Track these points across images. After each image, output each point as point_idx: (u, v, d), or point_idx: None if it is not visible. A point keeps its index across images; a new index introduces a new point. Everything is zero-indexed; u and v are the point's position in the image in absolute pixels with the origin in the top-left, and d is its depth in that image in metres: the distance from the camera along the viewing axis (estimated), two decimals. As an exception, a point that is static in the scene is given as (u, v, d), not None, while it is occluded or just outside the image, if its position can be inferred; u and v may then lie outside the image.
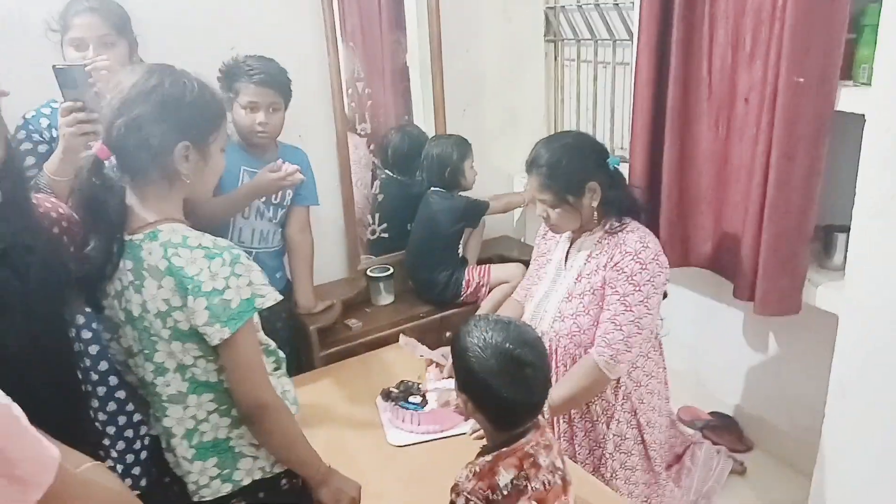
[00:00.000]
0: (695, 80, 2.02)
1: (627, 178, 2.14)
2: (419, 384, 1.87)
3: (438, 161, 2.48)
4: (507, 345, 1.12)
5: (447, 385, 1.73)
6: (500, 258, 2.77)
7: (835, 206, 1.83)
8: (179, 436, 1.20)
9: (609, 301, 1.65)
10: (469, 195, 2.52)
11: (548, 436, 1.18)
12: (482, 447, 1.20)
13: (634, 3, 2.16)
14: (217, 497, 1.24)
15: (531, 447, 1.14)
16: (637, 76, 2.13)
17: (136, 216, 1.16)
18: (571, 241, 1.80)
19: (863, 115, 1.56)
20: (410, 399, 1.81)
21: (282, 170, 1.88)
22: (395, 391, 1.85)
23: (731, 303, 2.18)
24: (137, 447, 1.87)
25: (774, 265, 1.86)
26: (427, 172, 2.53)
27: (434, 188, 2.50)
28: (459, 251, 2.57)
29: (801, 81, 1.68)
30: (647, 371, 1.78)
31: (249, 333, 1.16)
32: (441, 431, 1.73)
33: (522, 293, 1.99)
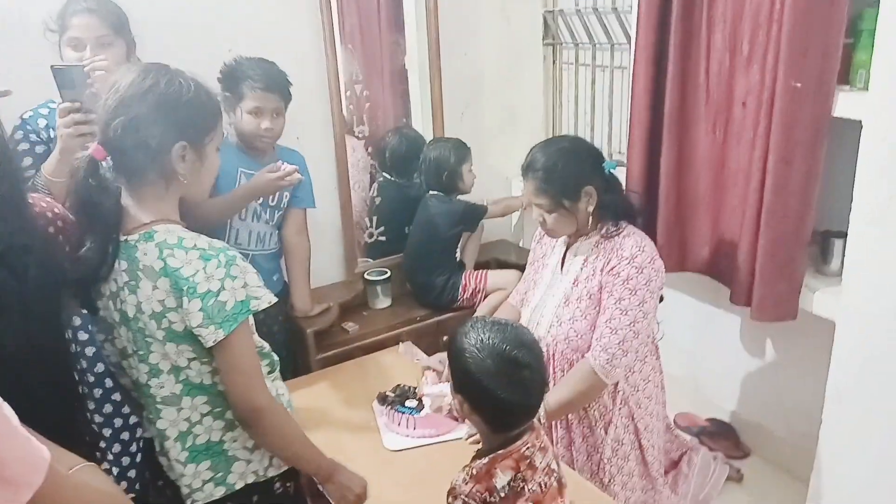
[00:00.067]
0: (692, 85, 2.02)
1: (625, 183, 2.13)
2: (415, 388, 1.86)
3: (436, 164, 2.47)
4: (504, 346, 1.12)
5: (441, 390, 1.72)
6: (498, 262, 2.77)
7: (832, 212, 1.83)
8: (173, 438, 1.20)
9: (605, 305, 1.65)
10: (467, 199, 2.51)
11: (543, 438, 1.18)
12: (478, 450, 1.19)
13: (632, 8, 2.17)
14: (210, 501, 1.23)
15: (527, 449, 1.13)
16: (635, 80, 2.13)
17: (132, 217, 1.16)
18: (568, 246, 1.80)
19: (860, 121, 1.56)
20: (407, 403, 1.80)
21: (280, 170, 1.87)
22: (392, 395, 1.84)
23: (729, 308, 2.18)
24: (133, 450, 1.86)
25: (771, 270, 1.86)
26: (425, 176, 2.52)
27: (432, 191, 2.50)
28: (457, 255, 2.56)
29: (799, 86, 1.68)
30: (645, 375, 1.77)
31: (245, 335, 1.15)
32: (437, 436, 1.72)
33: (518, 297, 1.98)
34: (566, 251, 1.80)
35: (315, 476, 1.28)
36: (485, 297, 2.48)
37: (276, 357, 1.31)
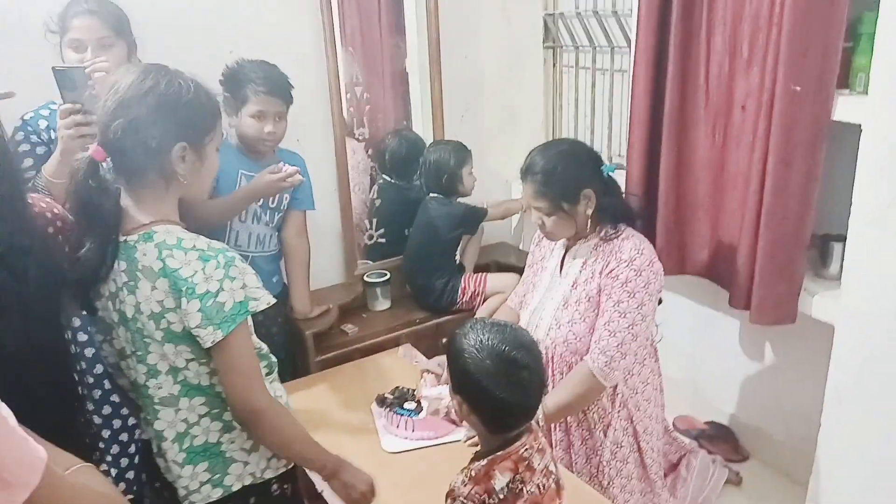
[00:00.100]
0: (692, 88, 2.02)
1: (625, 185, 2.14)
2: (414, 390, 1.86)
3: (436, 167, 2.47)
4: (504, 346, 1.12)
5: (440, 393, 1.72)
6: (498, 264, 2.77)
7: (831, 216, 1.83)
8: (170, 439, 1.20)
9: (604, 308, 1.65)
10: (467, 201, 2.51)
11: (541, 440, 1.18)
12: (476, 452, 1.19)
13: (632, 11, 2.17)
14: (207, 502, 1.23)
15: (526, 451, 1.13)
16: (635, 83, 2.14)
17: (131, 217, 1.16)
18: (566, 249, 1.80)
19: (859, 125, 1.56)
20: (405, 405, 1.80)
21: (281, 171, 1.88)
22: (390, 397, 1.84)
23: (728, 311, 2.18)
24: (132, 451, 1.86)
25: (771, 272, 1.86)
26: (425, 178, 2.52)
27: (432, 194, 2.50)
28: (457, 258, 2.56)
29: (798, 89, 1.68)
30: (643, 378, 1.77)
31: (243, 336, 1.15)
32: (435, 438, 1.72)
33: (517, 300, 1.98)
34: (565, 254, 1.80)
35: (320, 473, 1.28)
36: (484, 301, 2.48)
37: (274, 359, 1.31)
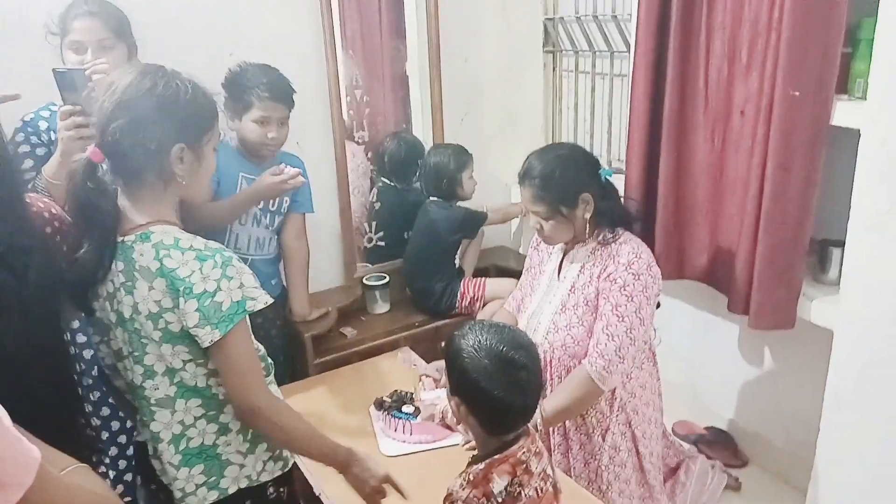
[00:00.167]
0: (691, 92, 2.03)
1: (624, 190, 2.14)
2: (412, 394, 1.86)
3: (435, 171, 2.47)
4: (502, 347, 1.12)
5: (437, 396, 1.72)
6: (497, 268, 2.76)
7: (830, 221, 1.83)
8: (166, 441, 1.20)
9: (602, 312, 1.64)
10: (467, 205, 2.51)
11: (538, 443, 1.18)
12: (474, 455, 1.19)
13: (632, 16, 2.18)
14: (203, 505, 1.23)
15: (523, 454, 1.13)
16: (634, 87, 2.14)
17: (128, 218, 1.16)
18: (564, 253, 1.80)
19: (858, 130, 1.56)
20: (403, 409, 1.80)
21: (283, 173, 1.88)
22: (389, 400, 1.84)
23: (727, 316, 2.17)
24: (130, 453, 1.86)
25: (770, 277, 1.86)
26: (424, 182, 2.53)
27: (432, 198, 2.50)
28: (456, 262, 2.56)
29: (797, 94, 1.69)
30: (642, 382, 1.77)
31: (241, 336, 1.15)
32: (433, 442, 1.71)
33: (514, 304, 1.98)
34: (563, 258, 1.80)
35: (333, 467, 1.28)
36: (484, 305, 2.47)
37: (271, 361, 1.31)
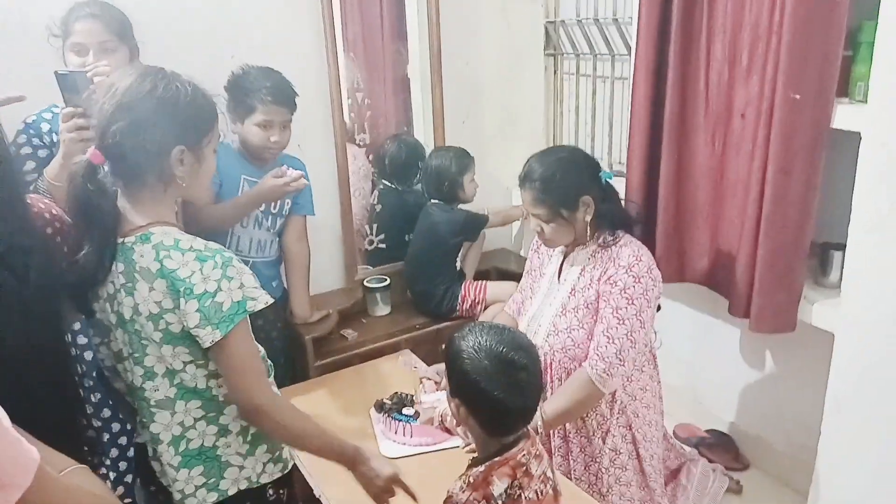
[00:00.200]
0: (692, 95, 2.02)
1: (625, 193, 2.14)
2: (413, 396, 1.85)
3: (437, 173, 2.48)
4: (502, 348, 1.12)
5: (437, 398, 1.72)
6: (498, 270, 2.76)
7: (831, 224, 1.83)
8: (166, 442, 1.20)
9: (602, 314, 1.64)
10: (469, 208, 2.51)
11: (538, 446, 1.17)
12: (473, 458, 1.19)
13: (633, 19, 2.18)
14: (203, 506, 1.23)
15: (523, 456, 1.12)
16: (635, 90, 2.14)
17: (128, 219, 1.16)
18: (565, 255, 1.80)
19: (858, 133, 1.56)
20: (404, 411, 1.80)
21: (286, 176, 1.88)
22: (389, 403, 1.84)
23: (728, 319, 2.17)
24: (130, 455, 1.86)
25: (770, 280, 1.85)
26: (426, 184, 2.53)
27: (434, 200, 2.50)
28: (457, 265, 2.56)
29: (798, 98, 1.69)
30: (642, 385, 1.76)
31: (242, 336, 1.15)
32: (434, 444, 1.71)
33: (514, 307, 1.98)
34: (563, 261, 1.80)
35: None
36: (485, 309, 2.47)
37: (272, 363, 1.31)
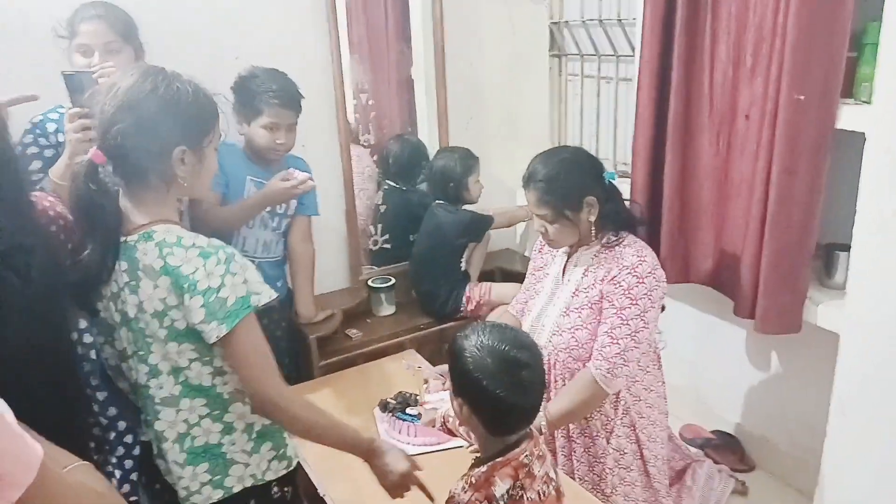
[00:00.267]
0: (696, 96, 2.02)
1: (629, 193, 2.14)
2: (417, 396, 1.85)
3: (441, 174, 2.48)
4: (504, 346, 1.11)
5: (438, 401, 1.71)
6: (502, 271, 2.76)
7: (836, 225, 1.83)
8: (171, 440, 1.20)
9: (606, 315, 1.64)
10: (473, 209, 2.52)
11: (541, 446, 1.17)
12: (475, 458, 1.19)
13: (637, 20, 2.18)
14: (208, 504, 1.23)
15: (526, 457, 1.12)
16: (639, 91, 2.14)
17: (130, 219, 1.16)
18: (568, 256, 1.80)
19: (863, 134, 1.56)
20: (408, 410, 1.80)
21: (294, 178, 1.88)
22: (393, 402, 1.84)
23: (733, 320, 2.16)
24: (137, 453, 1.86)
25: (775, 281, 1.85)
26: (431, 185, 2.53)
27: (438, 201, 2.51)
28: (462, 265, 2.56)
29: (802, 99, 1.68)
30: (647, 385, 1.76)
31: (249, 330, 1.15)
32: (437, 444, 1.72)
33: (518, 307, 1.98)
34: (567, 261, 1.80)
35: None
36: (490, 311, 2.46)
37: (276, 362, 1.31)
